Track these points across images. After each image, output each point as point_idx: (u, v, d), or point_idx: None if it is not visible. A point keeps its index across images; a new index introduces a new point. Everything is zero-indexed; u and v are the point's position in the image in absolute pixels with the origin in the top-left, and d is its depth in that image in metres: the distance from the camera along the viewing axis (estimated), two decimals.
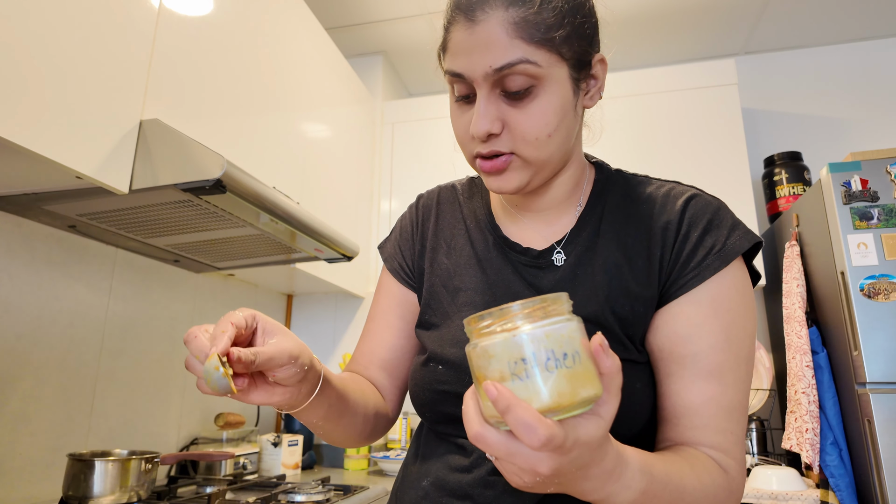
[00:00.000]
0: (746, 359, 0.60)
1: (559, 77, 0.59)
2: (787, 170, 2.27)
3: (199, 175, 1.11)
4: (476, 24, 0.57)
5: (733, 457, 0.57)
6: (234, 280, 2.09)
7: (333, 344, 2.44)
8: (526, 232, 0.70)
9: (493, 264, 0.69)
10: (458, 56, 0.59)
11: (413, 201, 0.81)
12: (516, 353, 0.38)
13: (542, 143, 0.60)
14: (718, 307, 0.60)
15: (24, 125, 0.91)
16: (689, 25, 2.55)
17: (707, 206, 0.64)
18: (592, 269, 0.64)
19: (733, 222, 0.63)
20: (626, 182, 0.70)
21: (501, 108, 0.59)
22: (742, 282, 0.62)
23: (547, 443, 0.37)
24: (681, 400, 0.59)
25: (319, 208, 2.01)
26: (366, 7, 2.45)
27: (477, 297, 0.67)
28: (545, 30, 0.57)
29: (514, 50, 0.56)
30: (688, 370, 0.59)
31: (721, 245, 0.61)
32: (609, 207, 0.68)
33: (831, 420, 1.68)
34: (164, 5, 1.25)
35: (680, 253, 0.62)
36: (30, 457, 1.29)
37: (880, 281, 1.60)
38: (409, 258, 0.77)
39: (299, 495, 1.44)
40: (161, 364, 1.71)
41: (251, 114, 1.59)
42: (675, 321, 0.61)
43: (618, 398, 0.42)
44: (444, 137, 2.59)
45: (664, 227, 0.63)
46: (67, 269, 1.41)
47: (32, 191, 1.14)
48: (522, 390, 0.37)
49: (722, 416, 0.58)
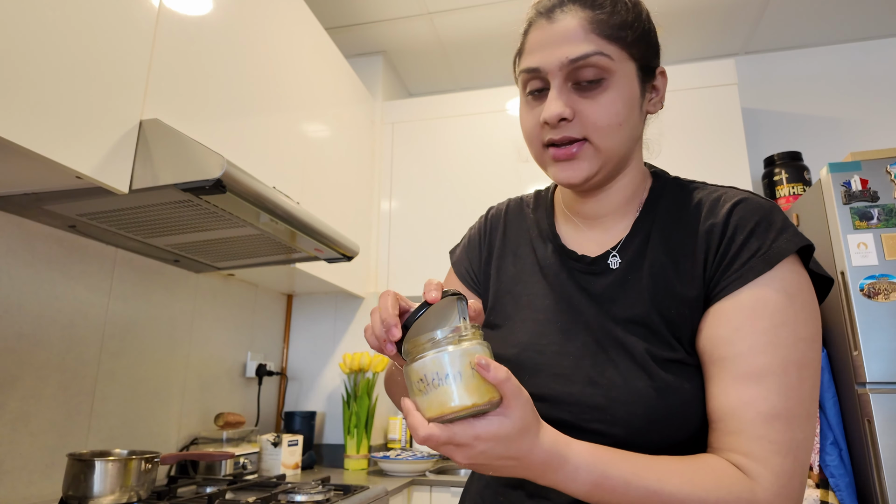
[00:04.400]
0: (798, 364, 0.57)
1: (628, 73, 0.64)
2: (787, 170, 2.27)
3: (199, 175, 1.11)
4: (554, 22, 0.63)
5: (768, 466, 0.54)
6: (234, 280, 2.09)
7: (333, 344, 2.44)
8: (583, 240, 0.73)
9: (552, 270, 0.72)
10: (534, 52, 0.64)
11: (485, 212, 0.87)
12: (416, 375, 0.51)
13: (613, 131, 0.63)
14: (762, 309, 0.58)
15: (24, 125, 0.91)
16: (689, 25, 2.55)
17: (757, 209, 0.63)
18: (641, 273, 0.66)
19: (783, 226, 0.62)
20: (681, 189, 0.71)
21: (573, 98, 0.63)
22: (794, 284, 0.59)
23: (426, 439, 0.49)
24: (718, 403, 0.58)
25: (319, 208, 2.01)
26: (366, 7, 2.45)
27: (538, 301, 0.72)
28: (618, 28, 0.62)
29: (589, 43, 0.61)
30: (727, 372, 0.58)
31: (767, 248, 0.60)
32: (661, 213, 0.70)
33: (831, 420, 1.68)
34: (164, 5, 1.25)
35: (725, 255, 0.62)
36: (30, 457, 1.29)
37: (880, 281, 1.60)
38: (475, 264, 0.82)
39: (299, 495, 1.44)
40: (161, 364, 1.71)
41: (251, 114, 1.59)
42: (717, 323, 0.60)
43: (519, 400, 0.50)
44: (445, 137, 2.59)
45: (709, 229, 0.64)
46: (67, 269, 1.41)
47: (32, 191, 1.14)
48: (425, 400, 0.50)
49: (759, 422, 0.55)
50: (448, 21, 2.54)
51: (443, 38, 2.66)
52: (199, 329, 1.88)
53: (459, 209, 2.47)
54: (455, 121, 2.59)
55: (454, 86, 3.07)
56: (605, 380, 0.62)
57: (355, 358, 2.21)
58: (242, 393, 2.12)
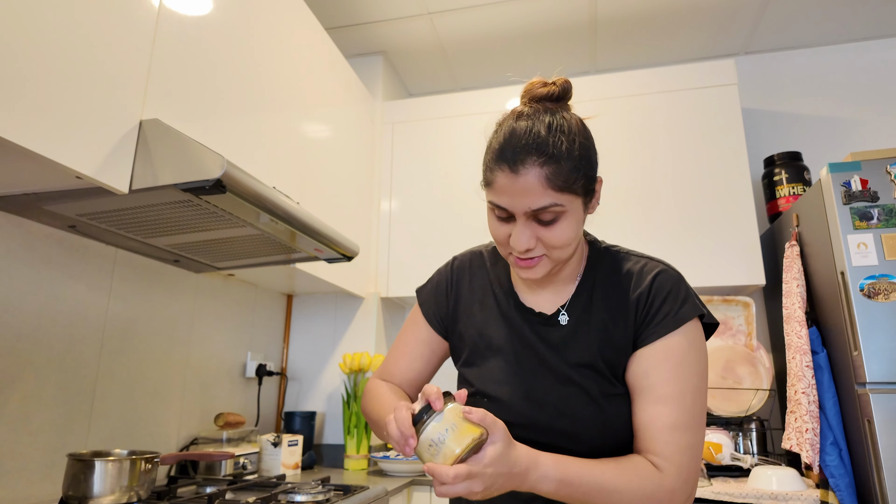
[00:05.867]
0: (693, 391, 0.79)
1: (576, 207, 0.80)
2: (787, 170, 2.27)
3: (199, 175, 1.11)
4: (518, 175, 0.76)
5: (670, 461, 0.76)
6: (234, 280, 2.09)
7: (333, 344, 2.44)
8: (537, 298, 0.92)
9: (514, 322, 0.91)
10: (502, 195, 0.79)
11: (449, 261, 1.03)
12: (426, 443, 0.69)
13: (565, 248, 0.81)
14: (669, 354, 0.81)
15: (24, 125, 0.91)
16: (689, 25, 2.55)
17: (667, 280, 0.85)
18: (588, 327, 0.86)
19: (686, 295, 0.84)
20: (612, 258, 0.91)
21: (535, 228, 0.80)
22: (692, 336, 0.82)
23: (455, 478, 0.65)
24: (638, 418, 0.81)
25: (319, 208, 2.01)
26: (366, 7, 2.45)
27: (505, 346, 0.90)
28: (567, 181, 0.77)
29: (547, 197, 0.76)
30: (644, 397, 0.81)
31: (675, 312, 0.82)
32: (599, 278, 0.90)
33: (831, 420, 1.68)
34: (164, 5, 1.25)
35: (647, 314, 0.84)
36: (30, 457, 1.29)
37: (880, 281, 1.60)
38: (442, 309, 0.99)
39: (299, 495, 1.44)
40: (161, 364, 1.71)
41: (251, 114, 1.59)
42: (638, 363, 0.82)
43: (498, 425, 0.69)
44: (444, 137, 2.59)
45: (637, 297, 0.85)
46: (67, 269, 1.41)
47: (32, 191, 1.14)
48: (440, 456, 0.68)
49: (665, 430, 0.78)
50: (448, 21, 2.54)
51: (443, 38, 2.66)
52: (198, 329, 1.88)
53: (459, 209, 2.47)
54: (455, 121, 2.59)
55: (454, 86, 3.07)
56: (570, 411, 0.82)
57: (355, 358, 2.21)
58: (242, 393, 2.12)
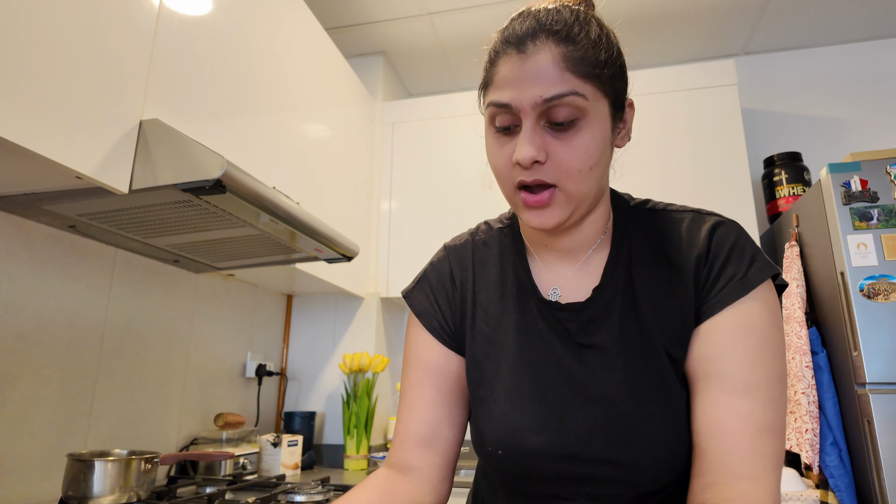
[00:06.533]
0: (780, 378, 0.59)
1: (601, 112, 0.61)
2: (786, 170, 2.27)
3: (198, 175, 1.11)
4: (527, 56, 0.59)
5: (763, 486, 0.55)
6: (234, 280, 2.09)
7: (333, 344, 2.44)
8: (561, 279, 0.71)
9: (538, 334, 0.69)
10: (505, 87, 0.60)
11: (441, 253, 0.78)
12: None
13: (584, 176, 0.61)
14: (747, 327, 0.60)
15: (24, 125, 0.91)
16: (689, 25, 2.55)
17: (728, 234, 0.65)
18: (635, 315, 0.65)
19: (753, 250, 0.64)
20: (648, 217, 0.71)
21: (546, 138, 0.60)
22: (772, 306, 0.62)
23: None
24: (707, 417, 0.58)
25: (319, 208, 2.01)
26: (366, 7, 2.45)
27: (521, 369, 0.67)
28: (593, 65, 0.59)
29: (565, 82, 0.58)
30: (717, 388, 0.59)
31: (743, 273, 0.62)
32: (636, 246, 0.69)
33: (831, 420, 1.68)
34: (164, 5, 1.25)
35: (707, 280, 0.63)
36: (30, 457, 1.29)
37: (880, 281, 1.60)
38: (448, 317, 0.75)
39: (299, 495, 1.44)
40: (161, 364, 1.71)
41: (251, 114, 1.59)
42: (703, 341, 0.62)
43: None
44: (444, 137, 2.59)
45: (696, 260, 0.64)
46: (67, 269, 1.41)
47: (32, 191, 1.14)
48: None
49: (752, 434, 0.56)
50: (448, 21, 2.54)
51: (443, 38, 2.66)
52: (198, 329, 1.88)
53: (459, 209, 2.47)
54: (455, 121, 2.59)
55: (454, 86, 3.07)
56: (625, 455, 0.60)
57: (355, 358, 2.21)
58: (242, 393, 2.12)
